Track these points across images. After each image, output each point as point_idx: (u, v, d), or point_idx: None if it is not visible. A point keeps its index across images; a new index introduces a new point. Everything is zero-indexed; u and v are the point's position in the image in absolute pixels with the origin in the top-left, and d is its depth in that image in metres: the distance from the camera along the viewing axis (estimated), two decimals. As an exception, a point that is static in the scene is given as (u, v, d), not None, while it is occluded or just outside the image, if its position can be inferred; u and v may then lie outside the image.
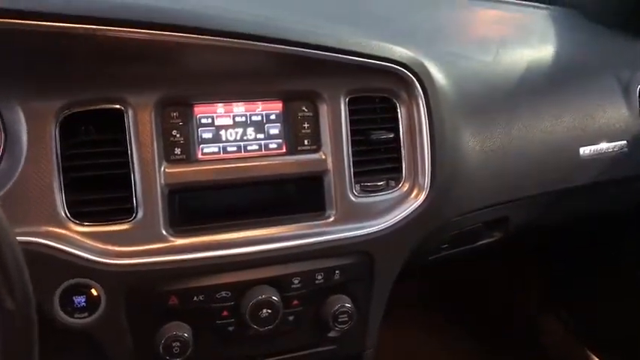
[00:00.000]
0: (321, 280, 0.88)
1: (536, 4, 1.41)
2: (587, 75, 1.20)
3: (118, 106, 0.80)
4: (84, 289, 0.78)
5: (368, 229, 0.90)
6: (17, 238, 0.73)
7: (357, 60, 0.86)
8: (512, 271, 1.77)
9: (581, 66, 1.21)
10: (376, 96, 0.92)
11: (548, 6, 1.40)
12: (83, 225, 0.78)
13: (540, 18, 1.36)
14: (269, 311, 0.84)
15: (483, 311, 1.80)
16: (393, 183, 0.93)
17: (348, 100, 0.90)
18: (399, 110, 0.93)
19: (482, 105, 1.05)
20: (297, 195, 0.90)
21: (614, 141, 1.16)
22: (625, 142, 1.17)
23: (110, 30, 0.73)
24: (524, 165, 1.06)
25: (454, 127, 0.97)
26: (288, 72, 0.87)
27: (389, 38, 0.95)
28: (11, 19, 0.69)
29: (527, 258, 1.72)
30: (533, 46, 1.22)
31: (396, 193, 0.93)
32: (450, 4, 1.35)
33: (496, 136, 1.03)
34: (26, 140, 0.76)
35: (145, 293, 0.81)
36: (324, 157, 0.89)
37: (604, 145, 1.15)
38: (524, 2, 1.43)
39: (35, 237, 0.74)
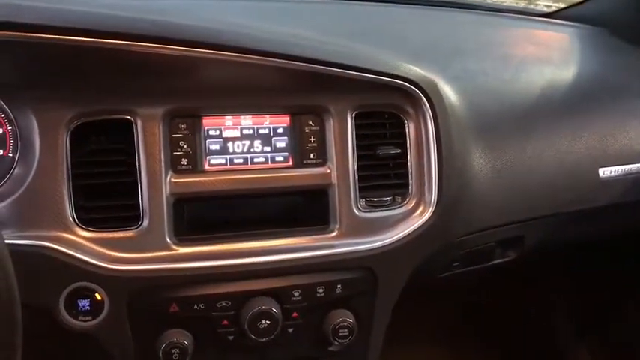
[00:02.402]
0: (322, 294, 0.88)
1: (562, 21, 1.39)
2: (609, 95, 1.17)
3: (127, 117, 0.82)
4: (88, 293, 0.80)
5: (371, 245, 0.89)
6: (26, 241, 0.77)
7: (363, 76, 0.87)
8: (538, 295, 1.72)
9: (604, 85, 1.18)
10: (384, 111, 0.93)
11: (575, 24, 1.37)
12: (90, 231, 0.81)
13: (566, 36, 1.34)
14: (268, 322, 0.84)
15: (505, 337, 1.74)
16: (399, 199, 0.93)
17: (356, 115, 0.91)
18: (406, 126, 0.93)
19: (496, 122, 1.03)
20: (301, 208, 0.90)
21: (637, 163, 1.12)
22: (648, 164, 1.14)
23: (122, 44, 0.76)
24: (539, 184, 1.04)
25: (464, 144, 0.96)
26: (296, 87, 0.88)
27: (403, 55, 0.95)
28: (27, 32, 0.73)
29: (555, 282, 1.67)
30: (555, 64, 1.20)
31: (401, 209, 0.92)
32: (473, 22, 1.34)
33: (509, 155, 1.02)
34: (39, 147, 0.80)
35: (147, 299, 0.83)
36: (329, 171, 0.89)
37: (626, 167, 1.11)
38: (550, 20, 1.41)
39: (43, 241, 0.78)
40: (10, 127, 0.81)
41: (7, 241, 0.75)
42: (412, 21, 1.28)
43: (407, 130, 0.93)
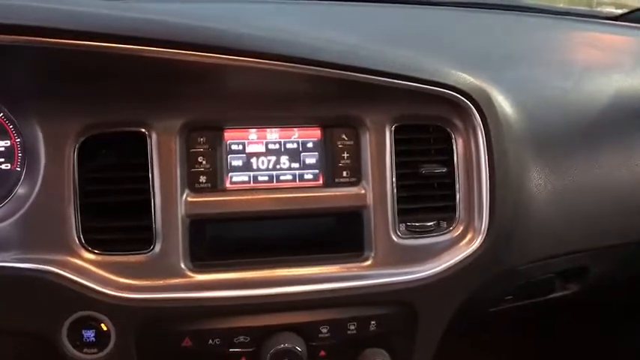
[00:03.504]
0: (354, 331, 0.79)
1: (633, 24, 1.25)
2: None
3: (141, 130, 0.75)
4: (93, 323, 0.73)
5: (411, 276, 0.79)
6: (27, 265, 0.70)
7: (403, 84, 0.77)
8: (613, 333, 1.53)
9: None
10: (428, 124, 0.82)
11: (649, 26, 1.23)
12: (96, 253, 0.74)
13: (638, 39, 1.20)
14: None
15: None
16: (444, 224, 0.83)
17: (395, 129, 0.81)
18: (454, 141, 0.83)
19: (558, 137, 0.92)
20: (332, 232, 0.82)
21: None
22: None
23: (135, 49, 0.68)
24: (607, 208, 0.92)
25: (520, 161, 0.85)
26: (328, 96, 0.80)
27: (451, 62, 0.85)
28: (33, 36, 0.66)
29: (620, 320, 1.48)
30: (625, 71, 1.06)
31: (446, 236, 0.82)
32: (531, 26, 1.23)
33: (572, 174, 0.90)
34: (44, 162, 0.73)
35: (157, 332, 0.75)
36: (363, 191, 0.80)
37: None
38: (618, 23, 1.27)
39: (46, 264, 0.71)
40: (17, 139, 0.76)
41: (7, 265, 0.70)
42: (462, 25, 1.17)
43: (454, 146, 0.83)
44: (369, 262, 0.80)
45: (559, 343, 1.44)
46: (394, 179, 0.81)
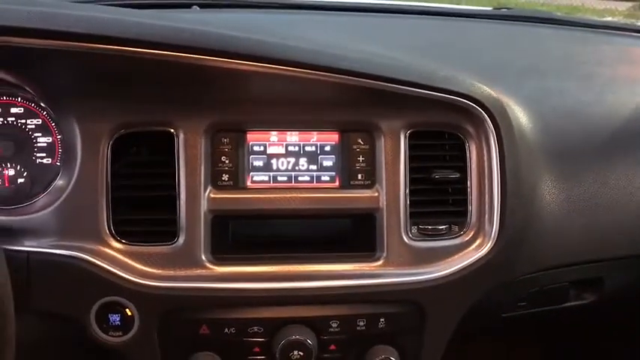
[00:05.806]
0: (363, 327, 0.82)
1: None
2: None
3: (169, 129, 0.80)
4: (119, 308, 0.78)
5: (421, 277, 0.82)
6: (60, 251, 0.76)
7: (417, 92, 0.80)
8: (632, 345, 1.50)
9: None
10: (443, 131, 0.85)
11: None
12: (124, 243, 0.79)
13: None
14: (301, 353, 0.79)
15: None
16: (456, 228, 0.85)
17: (410, 134, 0.84)
18: (467, 148, 0.85)
19: (575, 148, 0.93)
20: (346, 232, 0.84)
21: None
22: None
23: (168, 55, 0.73)
24: (622, 220, 0.92)
25: (533, 170, 0.87)
26: (346, 102, 0.83)
27: (470, 72, 0.87)
28: (77, 42, 0.72)
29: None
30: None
31: (457, 240, 0.84)
32: (560, 38, 1.23)
33: (587, 184, 0.91)
34: (80, 157, 0.79)
35: (177, 319, 0.80)
36: (377, 194, 0.83)
37: None
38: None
39: (77, 252, 0.76)
40: (59, 136, 0.82)
41: (44, 250, 0.76)
42: (488, 36, 1.19)
43: (468, 153, 0.85)
44: (380, 262, 0.82)
45: (575, 352, 1.43)
46: (407, 183, 0.83)
